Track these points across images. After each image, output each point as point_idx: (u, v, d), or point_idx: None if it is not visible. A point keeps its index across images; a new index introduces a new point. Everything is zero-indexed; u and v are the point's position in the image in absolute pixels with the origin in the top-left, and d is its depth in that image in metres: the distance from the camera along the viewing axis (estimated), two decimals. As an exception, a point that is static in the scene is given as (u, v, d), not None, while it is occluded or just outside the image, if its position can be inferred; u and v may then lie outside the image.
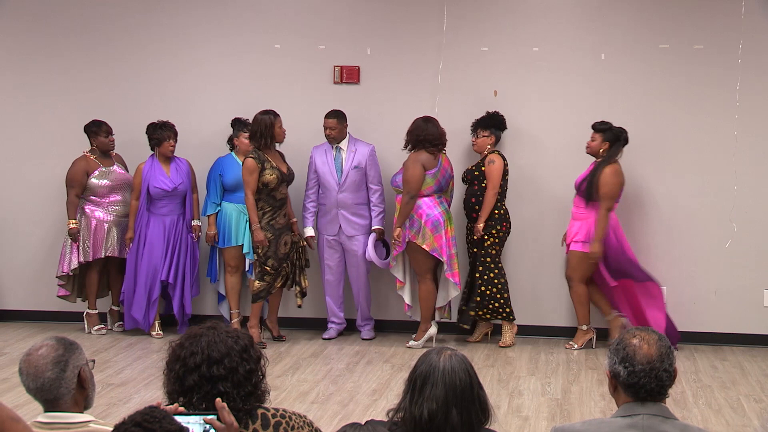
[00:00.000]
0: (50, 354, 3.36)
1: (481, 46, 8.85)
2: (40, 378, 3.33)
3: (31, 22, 9.22)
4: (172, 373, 3.26)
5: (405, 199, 8.26)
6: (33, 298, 9.35)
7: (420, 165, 8.23)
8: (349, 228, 8.61)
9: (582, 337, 8.52)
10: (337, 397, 7.08)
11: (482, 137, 8.52)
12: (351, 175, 8.53)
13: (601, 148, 8.31)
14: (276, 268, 8.41)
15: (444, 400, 3.22)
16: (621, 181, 8.28)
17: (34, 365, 3.35)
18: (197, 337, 3.27)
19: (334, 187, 8.56)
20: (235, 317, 8.81)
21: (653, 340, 3.35)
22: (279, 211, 8.41)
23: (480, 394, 3.30)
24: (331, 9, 9.02)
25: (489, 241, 8.46)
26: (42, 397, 3.37)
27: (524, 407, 6.90)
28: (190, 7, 9.11)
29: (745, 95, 8.60)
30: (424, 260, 8.40)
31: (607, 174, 8.21)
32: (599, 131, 8.32)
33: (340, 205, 8.58)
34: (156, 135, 8.67)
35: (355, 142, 8.63)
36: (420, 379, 3.27)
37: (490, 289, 8.46)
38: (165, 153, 8.69)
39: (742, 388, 7.49)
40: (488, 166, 8.44)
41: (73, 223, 8.65)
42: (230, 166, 8.72)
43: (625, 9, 8.72)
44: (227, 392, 3.21)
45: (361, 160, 8.55)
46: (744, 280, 8.69)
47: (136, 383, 7.29)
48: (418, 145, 8.28)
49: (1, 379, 7.36)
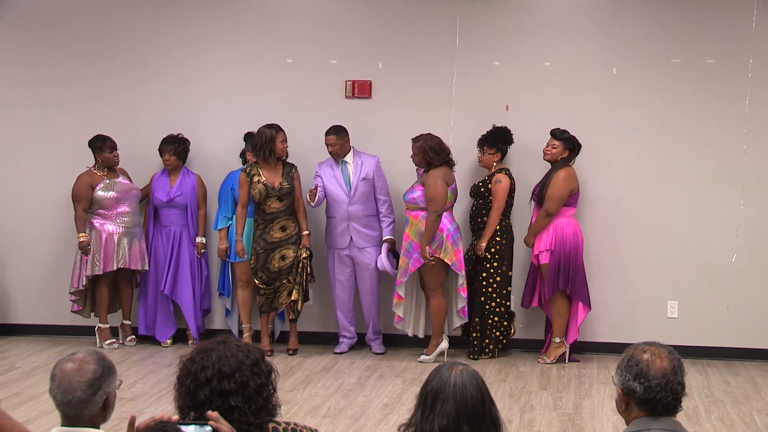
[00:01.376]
0: (87, 375, 3.34)
1: (492, 61, 8.87)
2: (69, 394, 3.33)
3: (38, 35, 9.24)
4: (183, 387, 3.25)
5: (432, 217, 8.26)
6: (44, 312, 9.36)
7: (443, 181, 8.28)
8: (360, 240, 8.61)
9: (555, 351, 8.51)
10: (349, 411, 7.07)
11: (488, 155, 8.53)
12: (360, 186, 8.54)
13: (561, 156, 8.34)
14: (266, 282, 8.50)
15: (455, 416, 3.21)
16: (573, 185, 8.35)
17: (68, 380, 3.33)
18: (208, 352, 3.27)
19: (344, 200, 8.57)
20: (247, 331, 8.83)
21: (664, 354, 3.35)
22: (271, 225, 8.47)
23: (491, 409, 3.28)
24: (343, 24, 9.05)
25: (490, 258, 8.48)
26: (64, 410, 3.38)
27: (536, 422, 6.88)
28: (200, 21, 9.14)
29: (755, 109, 8.60)
30: (438, 275, 8.43)
31: (560, 178, 8.29)
32: (560, 139, 8.37)
33: (351, 218, 8.59)
34: (160, 148, 8.82)
35: (359, 154, 8.65)
36: (431, 394, 3.26)
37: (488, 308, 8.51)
38: (165, 166, 8.82)
39: (754, 403, 7.46)
40: (495, 186, 8.46)
41: (83, 236, 8.67)
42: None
43: (637, 23, 8.72)
44: (238, 406, 3.21)
45: (369, 172, 8.57)
46: (756, 295, 8.67)
47: (148, 397, 7.30)
48: (435, 163, 8.30)
49: (13, 393, 7.37)
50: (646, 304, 8.78)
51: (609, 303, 8.77)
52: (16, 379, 7.85)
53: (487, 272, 8.50)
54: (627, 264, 8.80)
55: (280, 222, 8.50)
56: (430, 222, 8.28)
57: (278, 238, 8.49)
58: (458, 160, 8.53)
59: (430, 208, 8.28)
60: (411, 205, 8.45)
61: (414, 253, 8.39)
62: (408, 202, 8.47)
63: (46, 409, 6.87)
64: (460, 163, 8.64)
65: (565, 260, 8.31)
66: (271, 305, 8.60)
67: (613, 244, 8.78)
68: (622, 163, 8.75)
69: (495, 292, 8.50)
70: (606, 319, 8.74)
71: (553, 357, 8.48)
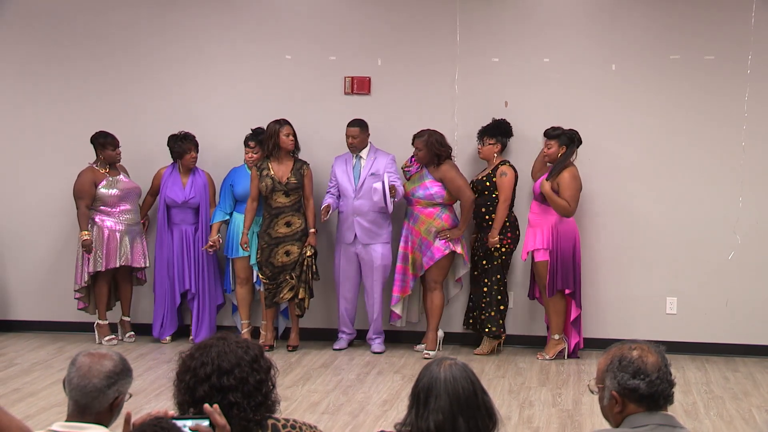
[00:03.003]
0: (108, 367, 3.43)
1: (492, 57, 8.86)
2: (86, 379, 3.39)
3: (39, 33, 9.23)
4: (183, 383, 3.26)
5: (468, 203, 8.34)
6: (44, 308, 9.37)
7: (458, 172, 8.44)
8: (365, 236, 8.59)
9: (554, 348, 8.51)
10: (348, 407, 7.07)
11: (488, 145, 8.55)
12: (368, 181, 8.52)
13: (559, 153, 8.32)
14: (270, 277, 8.53)
15: (449, 410, 3.22)
16: (579, 185, 8.31)
17: (88, 366, 3.41)
18: (207, 348, 3.28)
19: (351, 194, 8.57)
20: (245, 327, 8.86)
21: (651, 348, 3.41)
22: (276, 220, 8.50)
23: (485, 399, 3.30)
24: (343, 20, 9.04)
25: (498, 251, 8.49)
26: (75, 398, 3.40)
27: (535, 418, 6.88)
28: (201, 18, 9.14)
29: (754, 106, 8.60)
30: (444, 270, 8.53)
31: (565, 179, 8.23)
32: (553, 137, 8.36)
33: (356, 212, 8.58)
34: (177, 147, 8.75)
35: (375, 151, 8.66)
36: (423, 392, 3.28)
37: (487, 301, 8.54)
38: (187, 165, 8.80)
39: (753, 399, 7.47)
40: (500, 179, 8.46)
41: (86, 234, 8.66)
42: (241, 177, 8.76)
43: (636, 20, 8.72)
44: (238, 402, 3.21)
45: (379, 168, 8.54)
46: (755, 291, 8.67)
47: (147, 394, 7.30)
48: (443, 155, 8.37)
49: (12, 389, 7.38)
50: (645, 301, 8.79)
51: (608, 299, 8.78)
52: (15, 375, 7.85)
53: (492, 264, 8.51)
54: (625, 260, 8.80)
55: (285, 217, 8.51)
56: (467, 209, 8.37)
57: (282, 234, 8.50)
58: (460, 156, 8.56)
59: (463, 197, 8.36)
60: (425, 202, 8.45)
61: (428, 250, 8.42)
62: (423, 198, 8.46)
63: (45, 406, 6.88)
64: (462, 159, 8.66)
65: (564, 260, 8.31)
66: (272, 300, 8.63)
67: (611, 240, 8.79)
68: (620, 159, 8.75)
69: (498, 282, 8.53)
70: (605, 315, 8.74)
71: (552, 354, 8.48)
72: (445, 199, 8.42)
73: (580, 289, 8.44)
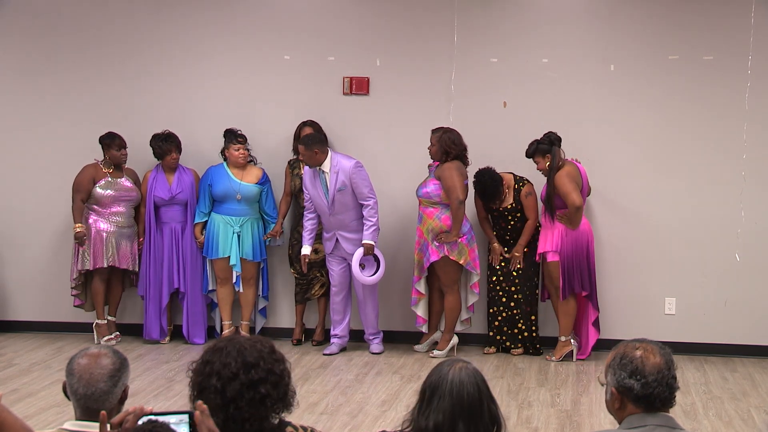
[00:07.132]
0: (108, 366, 3.41)
1: (490, 57, 8.86)
2: (92, 386, 3.36)
3: (37, 32, 9.21)
4: (210, 388, 3.17)
5: (455, 205, 8.20)
6: (42, 308, 9.36)
7: (458, 173, 8.25)
8: (350, 245, 8.49)
9: (561, 350, 8.51)
10: (347, 408, 7.07)
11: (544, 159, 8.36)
12: (337, 198, 8.36)
13: (547, 163, 8.28)
14: (300, 273, 8.69)
15: (450, 412, 3.22)
16: (573, 178, 8.27)
17: (89, 372, 3.38)
18: (222, 349, 3.22)
19: (326, 211, 8.44)
20: (227, 328, 8.89)
21: (656, 349, 3.38)
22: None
23: (491, 407, 3.28)
24: (341, 20, 9.04)
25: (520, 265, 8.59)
26: (86, 404, 3.38)
27: (534, 418, 6.88)
28: (198, 18, 9.13)
29: (754, 105, 8.60)
30: (454, 272, 8.47)
31: (562, 177, 8.20)
32: (532, 155, 8.33)
33: (335, 227, 8.50)
34: (158, 148, 8.77)
35: (337, 161, 8.35)
36: (429, 390, 3.28)
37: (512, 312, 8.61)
38: (169, 165, 8.82)
39: (752, 399, 7.47)
40: (527, 199, 8.48)
41: (79, 227, 8.66)
42: (220, 177, 8.76)
43: (634, 20, 8.72)
44: (270, 394, 3.18)
45: (344, 180, 8.32)
46: (754, 291, 8.68)
47: (146, 394, 7.29)
48: (452, 153, 8.28)
49: (11, 390, 7.37)
50: (644, 301, 8.78)
51: (607, 299, 8.76)
52: (13, 375, 7.85)
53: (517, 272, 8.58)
54: (625, 261, 8.79)
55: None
56: (454, 211, 8.23)
57: None
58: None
59: (451, 197, 8.23)
60: (425, 201, 8.43)
61: (426, 251, 8.41)
62: (422, 197, 8.44)
63: (44, 406, 6.88)
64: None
65: (579, 262, 8.30)
66: (304, 295, 8.85)
67: (610, 240, 8.78)
68: (619, 159, 8.75)
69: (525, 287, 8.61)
70: (604, 315, 8.73)
71: (559, 356, 8.47)
72: (442, 199, 8.35)
73: (596, 290, 8.44)
